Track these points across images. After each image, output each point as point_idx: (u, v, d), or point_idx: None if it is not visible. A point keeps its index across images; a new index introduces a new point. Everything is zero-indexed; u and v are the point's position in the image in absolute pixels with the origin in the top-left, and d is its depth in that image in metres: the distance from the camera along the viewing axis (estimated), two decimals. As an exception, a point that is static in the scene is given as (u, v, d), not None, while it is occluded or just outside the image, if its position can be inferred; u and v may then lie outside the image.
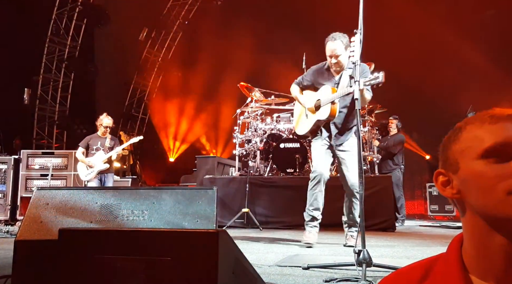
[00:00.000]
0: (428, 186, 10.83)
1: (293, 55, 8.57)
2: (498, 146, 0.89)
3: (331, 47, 4.39)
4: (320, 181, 4.46)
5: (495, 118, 0.92)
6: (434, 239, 5.69)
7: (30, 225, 2.10)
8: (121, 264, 1.40)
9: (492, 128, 0.92)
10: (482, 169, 0.90)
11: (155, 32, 15.37)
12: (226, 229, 1.52)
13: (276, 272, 2.92)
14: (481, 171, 0.90)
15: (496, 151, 0.89)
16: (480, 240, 0.90)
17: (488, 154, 0.90)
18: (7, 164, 8.16)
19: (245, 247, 4.39)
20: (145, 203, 2.13)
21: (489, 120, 0.93)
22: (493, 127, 0.92)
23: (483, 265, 0.89)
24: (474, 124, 0.94)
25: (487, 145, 0.90)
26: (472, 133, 0.94)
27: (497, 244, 0.87)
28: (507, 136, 0.89)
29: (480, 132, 0.92)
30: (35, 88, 12.42)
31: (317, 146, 4.63)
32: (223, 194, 7.14)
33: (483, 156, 0.90)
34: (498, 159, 0.89)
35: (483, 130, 0.92)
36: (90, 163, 6.95)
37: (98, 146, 7.06)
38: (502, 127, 0.91)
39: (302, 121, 4.82)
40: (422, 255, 3.78)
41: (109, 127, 7.17)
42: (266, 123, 8.20)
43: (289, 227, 6.79)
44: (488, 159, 0.90)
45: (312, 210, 4.52)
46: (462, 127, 0.96)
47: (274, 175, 7.76)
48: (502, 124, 0.91)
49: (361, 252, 2.71)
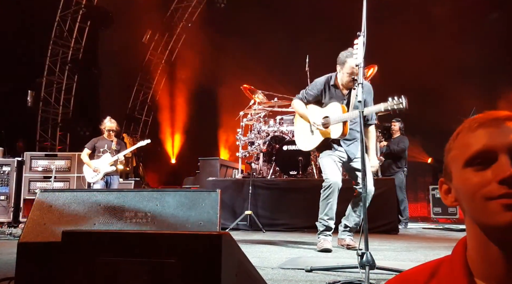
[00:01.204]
0: (431, 189, 10.79)
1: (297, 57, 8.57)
2: (479, 154, 0.89)
3: (352, 65, 4.18)
4: (334, 189, 4.36)
5: (478, 124, 0.92)
6: (437, 242, 5.67)
7: (33, 227, 2.10)
8: (124, 266, 1.40)
9: (476, 135, 0.92)
10: (467, 176, 0.90)
11: (158, 34, 15.41)
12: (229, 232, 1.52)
13: (279, 275, 2.91)
14: (466, 179, 0.90)
15: (477, 158, 0.89)
16: (480, 245, 0.90)
17: (471, 161, 0.90)
18: (10, 166, 8.18)
19: (248, 249, 4.39)
20: (148, 205, 2.13)
21: (474, 126, 0.93)
22: (476, 133, 0.92)
23: (485, 269, 0.88)
24: (463, 131, 0.95)
25: (469, 153, 0.91)
26: (461, 141, 0.94)
27: (495, 251, 0.87)
28: (486, 143, 0.89)
29: (466, 140, 0.93)
30: (39, 90, 12.46)
31: (326, 155, 4.53)
32: (226, 196, 7.14)
33: (468, 164, 0.91)
34: (480, 166, 0.89)
35: (468, 137, 0.93)
36: (95, 168, 7.01)
37: (105, 148, 7.12)
38: (483, 133, 0.91)
39: (307, 138, 4.67)
40: (425, 258, 3.77)
41: (112, 130, 7.23)
42: (269, 126, 8.20)
43: (292, 229, 6.78)
44: (472, 166, 0.90)
45: (327, 220, 4.42)
46: (456, 134, 0.97)
47: (277, 177, 7.75)
48: (483, 131, 0.91)
49: (364, 255, 2.70)
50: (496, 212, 0.84)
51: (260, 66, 12.61)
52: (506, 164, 0.86)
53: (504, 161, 0.86)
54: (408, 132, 8.97)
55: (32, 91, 11.91)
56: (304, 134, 4.71)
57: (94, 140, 7.30)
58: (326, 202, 4.41)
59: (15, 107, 11.15)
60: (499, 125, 0.90)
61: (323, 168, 4.55)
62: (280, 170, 7.73)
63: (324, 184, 4.44)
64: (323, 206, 4.43)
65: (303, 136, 4.75)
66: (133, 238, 1.46)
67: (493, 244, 0.87)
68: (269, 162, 7.93)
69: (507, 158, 0.86)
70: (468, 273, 0.90)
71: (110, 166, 7.03)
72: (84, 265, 1.44)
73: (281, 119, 8.28)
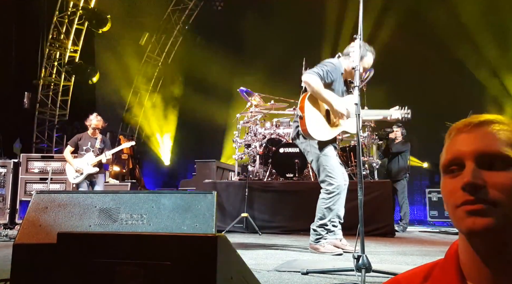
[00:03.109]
0: (428, 192, 10.82)
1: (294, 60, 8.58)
2: (450, 161, 0.91)
3: (371, 61, 4.21)
4: (341, 193, 4.25)
5: (455, 131, 0.94)
6: (434, 245, 5.68)
7: (29, 229, 2.10)
8: (120, 268, 1.40)
9: (451, 142, 0.94)
10: (444, 184, 0.92)
11: (155, 36, 15.41)
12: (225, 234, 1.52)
13: (275, 277, 2.91)
14: (443, 186, 0.93)
15: (450, 166, 0.91)
16: (467, 249, 0.91)
17: (445, 169, 0.92)
18: (7, 167, 8.16)
19: (244, 252, 4.39)
20: (144, 207, 2.13)
21: (452, 133, 0.95)
22: (452, 141, 0.94)
23: (476, 272, 0.89)
24: (446, 138, 0.97)
25: (444, 161, 0.93)
26: (444, 148, 0.96)
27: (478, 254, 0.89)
28: (455, 151, 0.91)
29: (445, 147, 0.95)
30: (36, 92, 12.43)
31: (333, 154, 4.34)
32: (222, 199, 7.14)
33: (444, 171, 0.93)
34: (453, 173, 0.91)
35: (447, 144, 0.95)
36: (77, 168, 6.74)
37: (88, 146, 6.86)
38: (455, 140, 0.92)
39: (324, 126, 4.26)
40: (421, 261, 3.77)
41: (97, 128, 6.95)
42: (266, 128, 8.22)
43: (288, 232, 6.78)
44: (447, 174, 0.92)
45: (331, 226, 4.31)
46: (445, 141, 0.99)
47: (274, 180, 7.76)
48: (456, 138, 0.93)
49: (360, 258, 2.70)
50: (461, 218, 0.87)
51: (257, 69, 12.62)
52: (468, 171, 0.87)
53: (468, 168, 0.88)
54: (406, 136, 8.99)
55: (28, 93, 11.88)
56: (320, 122, 4.27)
57: (77, 136, 7.04)
58: (332, 207, 4.24)
59: (11, 109, 11.12)
60: (470, 131, 0.91)
61: (331, 169, 4.28)
62: (276, 172, 7.73)
63: (332, 188, 4.25)
64: (328, 211, 4.25)
65: (318, 123, 4.27)
66: (129, 240, 1.47)
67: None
68: (265, 165, 7.93)
69: (471, 165, 0.88)
70: (460, 276, 0.91)
71: (93, 167, 6.76)
72: (79, 267, 1.43)
73: (278, 121, 8.30)
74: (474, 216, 0.84)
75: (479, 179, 0.85)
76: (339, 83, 4.29)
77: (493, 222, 0.83)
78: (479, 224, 0.84)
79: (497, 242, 0.85)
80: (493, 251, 0.86)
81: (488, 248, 0.86)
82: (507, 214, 0.84)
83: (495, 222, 0.83)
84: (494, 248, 0.86)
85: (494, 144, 0.87)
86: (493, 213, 0.83)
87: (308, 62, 6.96)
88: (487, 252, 0.87)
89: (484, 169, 0.87)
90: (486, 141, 0.88)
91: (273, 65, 12.76)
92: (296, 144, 4.67)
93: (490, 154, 0.87)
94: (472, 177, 0.85)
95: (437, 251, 4.74)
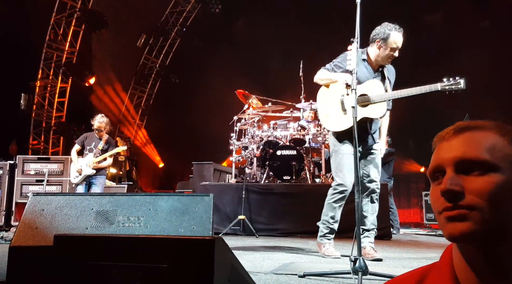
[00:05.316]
0: (424, 195, 10.83)
1: (291, 63, 8.59)
2: (434, 169, 0.93)
3: (398, 39, 3.94)
4: (346, 195, 4.15)
5: (438, 139, 0.95)
6: (430, 248, 5.69)
7: (25, 231, 2.09)
8: (116, 270, 1.40)
9: (436, 150, 0.95)
10: (430, 192, 0.94)
11: (153, 38, 15.41)
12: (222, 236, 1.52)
13: (272, 280, 2.91)
14: (430, 194, 0.94)
15: (434, 173, 0.92)
16: (458, 253, 0.92)
17: (431, 177, 0.94)
18: (3, 169, 8.11)
19: (241, 254, 4.38)
20: (141, 210, 2.13)
21: (436, 141, 0.96)
22: (437, 148, 0.95)
23: (468, 275, 0.89)
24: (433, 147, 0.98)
25: (429, 169, 0.94)
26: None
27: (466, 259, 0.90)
28: (437, 159, 0.92)
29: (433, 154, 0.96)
30: (32, 93, 12.41)
31: (348, 152, 4.12)
32: (219, 201, 7.12)
33: (430, 179, 0.94)
34: (437, 181, 0.92)
35: (434, 152, 0.96)
36: (79, 169, 6.68)
37: (92, 146, 6.79)
38: (439, 149, 0.94)
39: (338, 117, 4.10)
40: (418, 264, 3.77)
41: (98, 129, 6.85)
42: (263, 130, 8.21)
43: (285, 235, 6.77)
44: (433, 181, 0.93)
45: (332, 223, 4.22)
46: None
47: (271, 182, 7.75)
48: (440, 145, 0.94)
49: (357, 260, 2.70)
50: (442, 224, 0.89)
51: (255, 71, 12.63)
52: (446, 178, 0.88)
53: (447, 175, 0.89)
54: (401, 141, 8.98)
55: (25, 95, 11.87)
56: (334, 113, 4.13)
57: (85, 135, 6.97)
58: (334, 205, 4.19)
59: (8, 110, 11.10)
60: (450, 138, 0.92)
61: (341, 167, 4.16)
62: (273, 174, 7.73)
63: (337, 186, 4.16)
64: (330, 208, 4.20)
65: (332, 115, 4.15)
66: (126, 242, 1.46)
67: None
68: (262, 167, 7.93)
69: (451, 172, 0.89)
70: (454, 278, 0.91)
71: (91, 169, 6.65)
72: (76, 269, 1.43)
73: (275, 124, 8.29)
74: (453, 221, 0.86)
75: (457, 185, 0.86)
76: (360, 70, 3.97)
77: (471, 227, 0.84)
78: (457, 229, 0.85)
79: (482, 246, 0.86)
80: (480, 256, 0.87)
81: (475, 252, 0.87)
82: (486, 219, 0.84)
83: (473, 227, 0.84)
84: (481, 252, 0.86)
85: (473, 150, 0.88)
86: (471, 218, 0.84)
87: (305, 65, 6.98)
88: (475, 257, 0.87)
89: (463, 174, 0.88)
90: (465, 147, 0.89)
91: (271, 68, 12.78)
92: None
93: (468, 159, 0.87)
94: (448, 183, 0.86)
95: (433, 254, 4.74)
